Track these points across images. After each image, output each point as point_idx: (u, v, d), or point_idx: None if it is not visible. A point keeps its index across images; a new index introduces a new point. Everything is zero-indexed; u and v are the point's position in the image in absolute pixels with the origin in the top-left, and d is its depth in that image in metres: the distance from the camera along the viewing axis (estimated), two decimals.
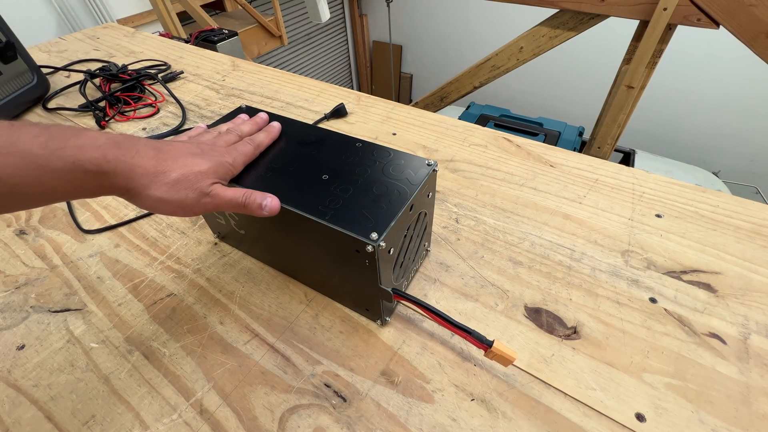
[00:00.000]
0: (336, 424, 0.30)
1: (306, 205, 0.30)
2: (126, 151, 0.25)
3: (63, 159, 0.22)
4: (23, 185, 0.21)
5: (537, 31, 1.51)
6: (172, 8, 1.84)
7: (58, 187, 0.22)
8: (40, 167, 0.21)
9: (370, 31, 3.96)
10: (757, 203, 0.44)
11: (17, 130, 0.21)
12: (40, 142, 0.21)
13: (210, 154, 0.30)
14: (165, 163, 0.26)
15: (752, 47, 1.13)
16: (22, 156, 0.21)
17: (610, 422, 0.29)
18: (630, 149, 2.16)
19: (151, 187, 0.25)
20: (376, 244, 0.27)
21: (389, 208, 0.30)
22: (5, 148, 0.20)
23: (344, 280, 0.35)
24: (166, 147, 0.28)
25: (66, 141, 0.22)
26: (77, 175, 0.22)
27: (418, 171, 0.33)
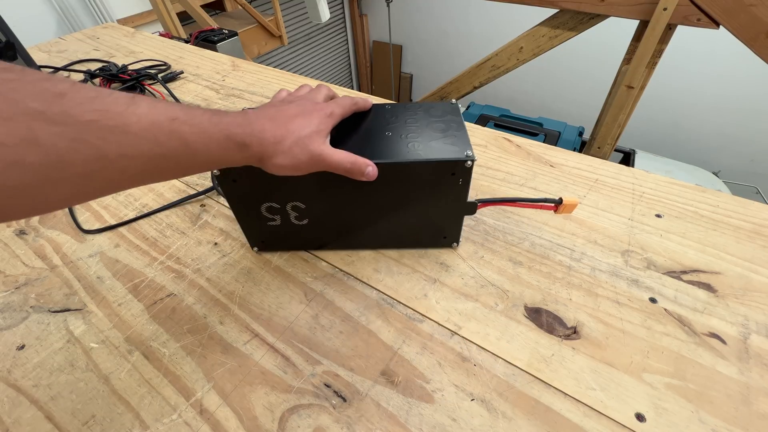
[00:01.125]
0: (336, 424, 0.30)
1: (398, 156, 0.34)
2: (256, 127, 0.29)
3: (222, 132, 0.27)
4: (200, 151, 0.26)
5: (537, 31, 1.51)
6: (172, 8, 1.84)
7: (218, 154, 0.28)
8: (209, 136, 0.27)
9: (370, 31, 3.96)
10: (757, 203, 0.44)
11: (190, 109, 0.27)
12: (207, 117, 0.27)
13: (313, 112, 0.33)
14: (280, 131, 0.30)
15: (752, 47, 1.13)
16: (198, 127, 0.26)
17: (610, 422, 0.29)
18: (630, 149, 2.16)
19: (274, 155, 0.30)
20: (473, 159, 0.33)
21: (459, 135, 0.36)
22: (189, 120, 0.26)
23: (425, 216, 0.39)
24: (279, 115, 0.32)
25: (221, 118, 0.28)
26: (230, 145, 0.28)
27: (452, 108, 0.40)
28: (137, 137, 0.23)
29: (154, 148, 0.24)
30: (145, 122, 0.24)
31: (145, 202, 0.51)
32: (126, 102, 0.23)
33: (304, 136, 0.31)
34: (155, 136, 0.24)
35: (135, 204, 0.51)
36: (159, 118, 0.24)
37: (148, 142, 0.24)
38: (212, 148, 0.27)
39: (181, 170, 0.27)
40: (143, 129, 0.23)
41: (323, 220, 0.40)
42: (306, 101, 0.35)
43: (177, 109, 0.26)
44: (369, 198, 0.37)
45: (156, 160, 0.25)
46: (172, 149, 0.25)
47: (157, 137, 0.24)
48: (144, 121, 0.23)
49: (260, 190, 0.37)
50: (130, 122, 0.23)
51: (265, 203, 0.38)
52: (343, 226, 0.40)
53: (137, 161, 0.24)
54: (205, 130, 0.26)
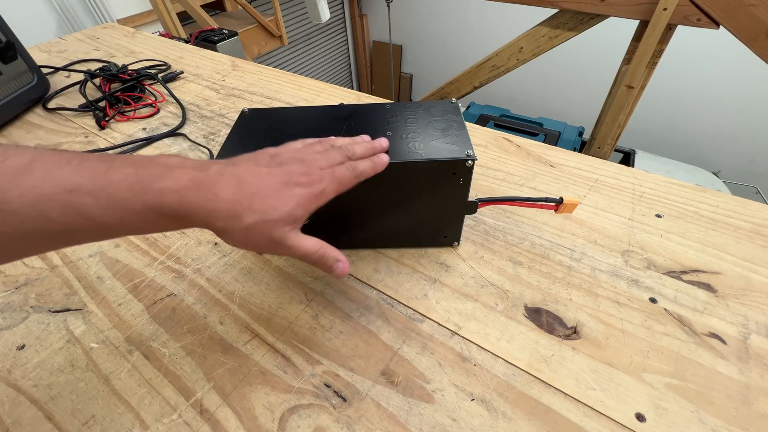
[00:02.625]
0: (336, 424, 0.30)
1: (399, 156, 0.34)
2: (204, 193, 0.25)
3: (144, 203, 0.23)
4: (109, 224, 0.23)
5: (537, 31, 1.51)
6: (172, 8, 1.84)
7: (139, 226, 0.24)
8: (124, 210, 0.23)
9: (370, 31, 3.96)
10: (757, 203, 0.44)
11: (109, 171, 0.23)
12: (126, 185, 0.23)
13: (297, 188, 0.27)
14: (240, 205, 0.25)
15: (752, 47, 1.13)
16: (109, 199, 0.22)
17: (610, 422, 0.29)
18: (630, 149, 2.16)
19: (225, 231, 0.26)
20: (474, 158, 0.33)
21: (459, 134, 0.36)
22: (96, 190, 0.22)
23: (426, 215, 0.39)
24: (249, 180, 0.26)
25: (150, 184, 0.23)
26: (156, 217, 0.24)
27: (452, 108, 0.40)
28: (16, 215, 0.20)
29: (44, 224, 0.21)
30: (30, 196, 0.21)
31: None
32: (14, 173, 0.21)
33: (269, 220, 0.26)
34: (42, 211, 0.21)
35: None
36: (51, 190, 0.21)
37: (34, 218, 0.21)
38: (130, 220, 0.23)
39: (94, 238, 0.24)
40: (25, 205, 0.21)
41: (324, 220, 0.39)
42: (299, 167, 0.28)
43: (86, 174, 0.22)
44: (370, 197, 0.37)
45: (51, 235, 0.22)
46: (69, 225, 0.22)
47: (44, 213, 0.21)
48: (28, 194, 0.21)
49: None
50: (10, 197, 0.20)
51: None
52: (344, 226, 0.40)
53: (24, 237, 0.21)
54: (118, 201, 0.23)
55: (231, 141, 0.38)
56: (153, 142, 0.62)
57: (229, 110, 0.68)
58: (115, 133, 0.64)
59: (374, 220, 0.40)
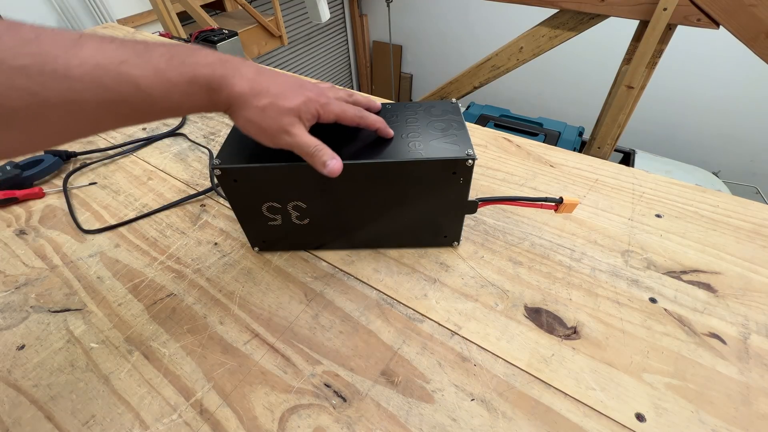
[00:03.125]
0: (336, 424, 0.30)
1: (399, 155, 0.34)
2: (230, 69, 0.27)
3: (183, 74, 0.25)
4: (154, 95, 0.24)
5: (537, 31, 1.51)
6: (172, 8, 1.84)
7: (180, 99, 0.26)
8: (167, 80, 0.25)
9: (370, 31, 3.96)
10: (757, 203, 0.44)
11: (150, 49, 0.25)
12: (166, 59, 0.25)
13: (305, 92, 0.31)
14: (260, 86, 0.28)
15: (752, 47, 1.13)
16: (154, 70, 0.24)
17: (610, 422, 0.29)
18: (630, 149, 2.16)
19: (244, 107, 0.28)
20: (474, 158, 0.33)
21: (459, 134, 0.36)
22: (142, 63, 0.24)
23: (427, 215, 0.39)
24: (268, 73, 0.29)
25: (184, 58, 0.25)
26: (193, 88, 0.26)
27: (452, 108, 0.40)
28: (80, 82, 0.22)
29: (101, 93, 0.22)
30: (89, 65, 0.22)
31: (145, 202, 0.51)
32: (68, 44, 0.22)
33: (281, 105, 0.29)
34: (101, 80, 0.22)
35: (135, 204, 0.51)
36: (105, 61, 0.22)
37: (94, 87, 0.22)
38: (172, 94, 0.25)
39: (143, 116, 0.26)
40: (86, 73, 0.22)
41: (325, 219, 0.40)
42: (314, 87, 0.32)
43: (131, 49, 0.24)
44: (371, 196, 0.37)
45: (107, 105, 0.23)
46: (123, 94, 0.23)
47: (103, 82, 0.22)
48: (87, 64, 0.22)
49: (261, 189, 0.36)
50: (71, 65, 0.21)
51: (266, 203, 0.38)
52: (344, 225, 0.40)
53: (86, 106, 0.22)
54: (161, 73, 0.24)
55: (231, 140, 0.38)
56: (153, 141, 0.62)
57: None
58: (115, 132, 0.64)
59: (375, 219, 0.40)
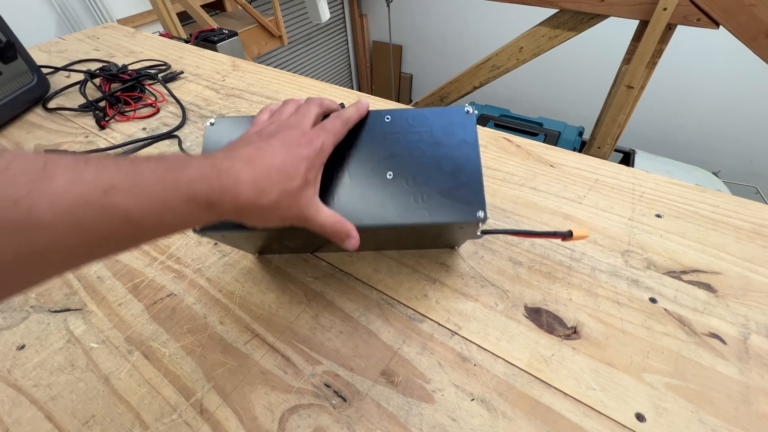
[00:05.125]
0: (336, 424, 0.30)
1: (401, 216, 0.31)
2: (227, 179, 0.24)
3: (180, 194, 0.22)
4: (147, 225, 0.21)
5: (537, 31, 1.51)
6: (172, 8, 1.84)
7: (177, 222, 0.23)
8: (162, 203, 0.21)
9: (370, 31, 3.96)
10: (757, 203, 0.44)
11: (138, 166, 0.21)
12: (158, 177, 0.21)
13: (300, 150, 0.27)
14: (262, 181, 0.25)
15: (752, 47, 1.13)
16: (147, 195, 0.20)
17: (610, 422, 0.29)
18: (630, 149, 2.17)
19: (255, 211, 0.25)
20: (485, 220, 0.30)
21: (472, 180, 0.31)
22: (132, 187, 0.20)
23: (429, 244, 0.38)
24: (259, 157, 0.26)
25: (179, 174, 0.22)
26: (191, 207, 0.22)
27: (466, 125, 0.33)
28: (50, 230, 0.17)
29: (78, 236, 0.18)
30: (63, 205, 0.17)
31: None
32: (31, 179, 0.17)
33: (293, 190, 0.26)
34: (80, 221, 0.18)
35: None
36: (85, 193, 0.18)
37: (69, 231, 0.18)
38: (168, 217, 0.22)
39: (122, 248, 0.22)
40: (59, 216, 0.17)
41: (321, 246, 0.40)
42: (292, 131, 0.28)
43: (114, 171, 0.20)
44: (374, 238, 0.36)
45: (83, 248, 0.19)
46: (109, 229, 0.19)
47: (83, 222, 0.18)
48: (62, 203, 0.17)
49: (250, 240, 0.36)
50: (39, 210, 0.17)
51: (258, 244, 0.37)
52: None
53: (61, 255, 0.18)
54: (155, 197, 0.21)
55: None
56: (155, 142, 0.62)
57: (229, 110, 0.68)
58: (115, 133, 0.64)
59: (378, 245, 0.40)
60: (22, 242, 0.16)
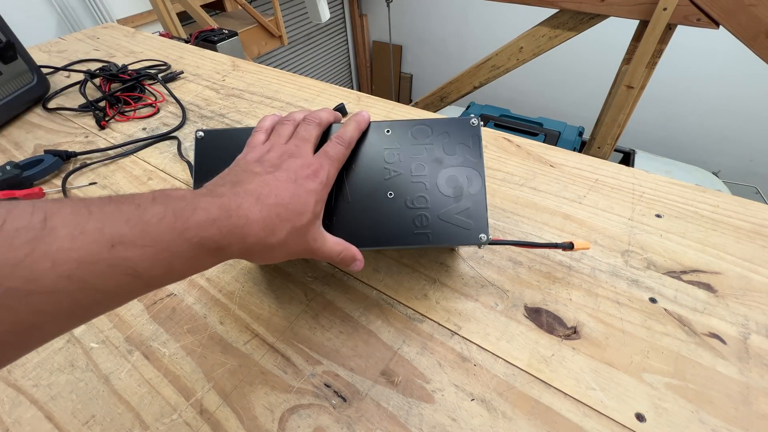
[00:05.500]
0: (336, 424, 0.30)
1: (401, 238, 0.30)
2: (236, 219, 0.23)
3: (189, 241, 0.20)
4: (155, 276, 0.19)
5: (537, 31, 1.51)
6: (172, 8, 1.84)
7: (185, 270, 0.21)
8: (171, 254, 0.19)
9: (370, 31, 3.96)
10: (757, 203, 0.44)
11: (143, 212, 0.19)
12: (166, 224, 0.19)
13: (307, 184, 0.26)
14: (271, 219, 0.24)
15: (752, 47, 1.13)
16: (155, 246, 0.19)
17: (610, 422, 0.29)
18: (630, 149, 2.17)
19: (263, 250, 0.25)
20: (487, 242, 0.30)
21: (475, 200, 0.31)
22: (140, 238, 0.18)
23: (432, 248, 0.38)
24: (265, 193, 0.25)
25: (188, 220, 0.20)
26: (201, 254, 0.21)
27: (470, 140, 0.32)
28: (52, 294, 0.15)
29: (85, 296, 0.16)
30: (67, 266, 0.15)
31: None
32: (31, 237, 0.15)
33: (300, 227, 0.25)
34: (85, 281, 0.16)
35: None
36: (91, 248, 0.16)
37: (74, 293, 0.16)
38: (176, 266, 0.20)
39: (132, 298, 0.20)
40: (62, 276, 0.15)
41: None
42: (295, 161, 0.27)
43: (120, 221, 0.18)
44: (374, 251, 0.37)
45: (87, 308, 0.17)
46: (116, 286, 0.17)
47: (88, 282, 0.16)
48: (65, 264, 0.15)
49: None
50: (39, 273, 0.15)
51: None
52: None
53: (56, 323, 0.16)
54: (163, 248, 0.19)
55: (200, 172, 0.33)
56: (155, 142, 0.62)
57: (229, 110, 0.68)
58: (115, 133, 0.64)
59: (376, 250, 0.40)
60: (19, 312, 0.15)
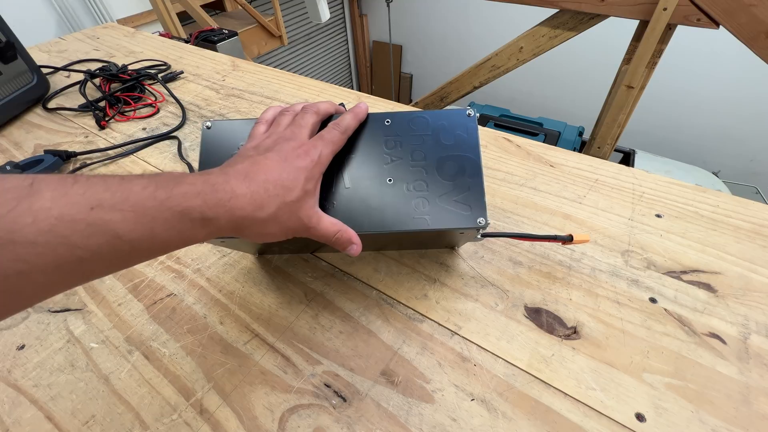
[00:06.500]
0: (336, 424, 0.30)
1: (401, 222, 0.30)
2: (222, 193, 0.23)
3: (171, 209, 0.21)
4: (138, 240, 0.21)
5: (537, 31, 1.51)
6: (172, 8, 1.84)
7: (170, 238, 0.22)
8: (152, 219, 0.21)
9: (370, 31, 3.96)
10: (757, 203, 0.44)
11: (128, 183, 0.21)
12: (149, 193, 0.21)
13: (297, 160, 0.27)
14: (259, 196, 0.25)
15: (752, 47, 1.13)
16: (134, 209, 0.20)
17: (610, 422, 0.29)
18: (630, 149, 2.17)
19: (253, 225, 0.25)
20: (486, 226, 0.30)
21: (473, 184, 0.31)
22: (120, 204, 0.20)
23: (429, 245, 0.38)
24: (255, 171, 0.26)
25: (171, 190, 0.22)
26: (185, 224, 0.22)
27: (467, 128, 0.33)
28: (33, 246, 0.17)
29: (64, 253, 0.18)
30: (48, 221, 0.17)
31: None
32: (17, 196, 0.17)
33: (292, 201, 0.26)
34: (64, 236, 0.18)
35: None
36: (70, 210, 0.18)
37: (53, 247, 0.18)
38: (159, 233, 0.21)
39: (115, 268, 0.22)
40: (44, 231, 0.17)
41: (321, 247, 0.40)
42: (288, 143, 0.28)
43: (101, 189, 0.20)
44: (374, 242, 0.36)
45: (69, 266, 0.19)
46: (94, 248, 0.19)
47: (67, 238, 0.18)
48: (45, 219, 0.17)
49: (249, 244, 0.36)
50: (21, 226, 0.17)
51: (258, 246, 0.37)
52: None
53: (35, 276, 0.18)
54: (144, 213, 0.20)
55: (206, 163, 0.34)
56: (155, 142, 0.62)
57: (229, 110, 0.68)
58: (115, 133, 0.64)
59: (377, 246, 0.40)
60: (4, 258, 0.17)
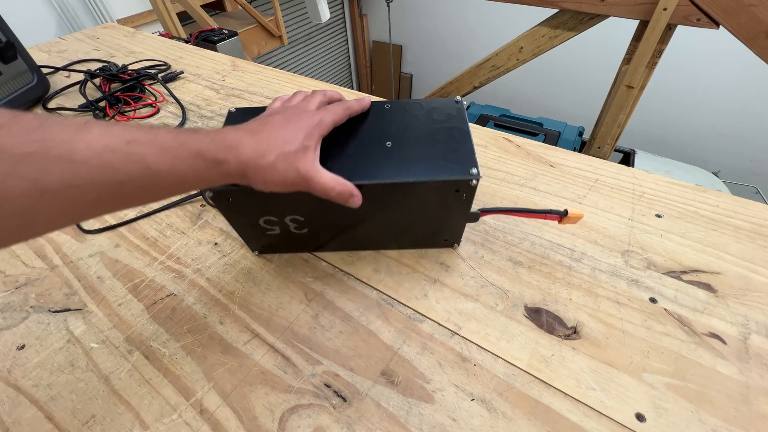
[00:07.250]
0: (336, 424, 0.30)
1: (400, 174, 0.33)
2: (231, 141, 0.28)
3: (189, 149, 0.26)
4: (164, 172, 0.25)
5: (537, 31, 1.51)
6: (172, 8, 1.84)
7: (187, 173, 0.26)
8: (174, 156, 0.25)
9: (370, 31, 3.96)
10: (757, 203, 0.44)
11: (156, 129, 0.26)
12: (172, 136, 0.26)
13: (299, 123, 0.31)
14: (262, 145, 0.28)
15: (752, 47, 1.13)
16: (160, 147, 0.25)
17: (610, 422, 0.29)
18: (630, 149, 2.16)
19: (258, 170, 0.28)
20: (478, 178, 0.32)
21: (463, 146, 0.35)
22: (150, 141, 0.25)
23: (427, 225, 0.39)
24: (260, 128, 0.30)
25: (189, 135, 0.26)
26: (200, 163, 0.26)
27: (456, 109, 0.38)
28: (86, 165, 0.22)
29: (108, 174, 0.23)
30: (96, 147, 0.22)
31: None
32: (75, 129, 0.22)
33: (290, 152, 0.29)
34: (109, 161, 0.23)
35: None
36: (113, 142, 0.23)
37: (101, 168, 0.22)
38: (180, 168, 0.26)
39: (147, 196, 0.26)
40: (93, 155, 0.22)
41: (324, 229, 0.40)
42: (294, 110, 0.33)
43: (135, 130, 0.25)
44: (371, 212, 0.36)
45: (112, 186, 0.23)
46: (130, 174, 0.24)
47: (111, 162, 0.23)
48: (95, 146, 0.22)
49: (257, 206, 0.36)
50: (77, 149, 0.22)
51: (263, 217, 0.37)
52: (344, 233, 0.41)
53: (89, 190, 0.22)
54: (168, 150, 0.25)
55: None
56: None
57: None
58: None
59: (376, 228, 0.40)
60: (65, 171, 0.21)
